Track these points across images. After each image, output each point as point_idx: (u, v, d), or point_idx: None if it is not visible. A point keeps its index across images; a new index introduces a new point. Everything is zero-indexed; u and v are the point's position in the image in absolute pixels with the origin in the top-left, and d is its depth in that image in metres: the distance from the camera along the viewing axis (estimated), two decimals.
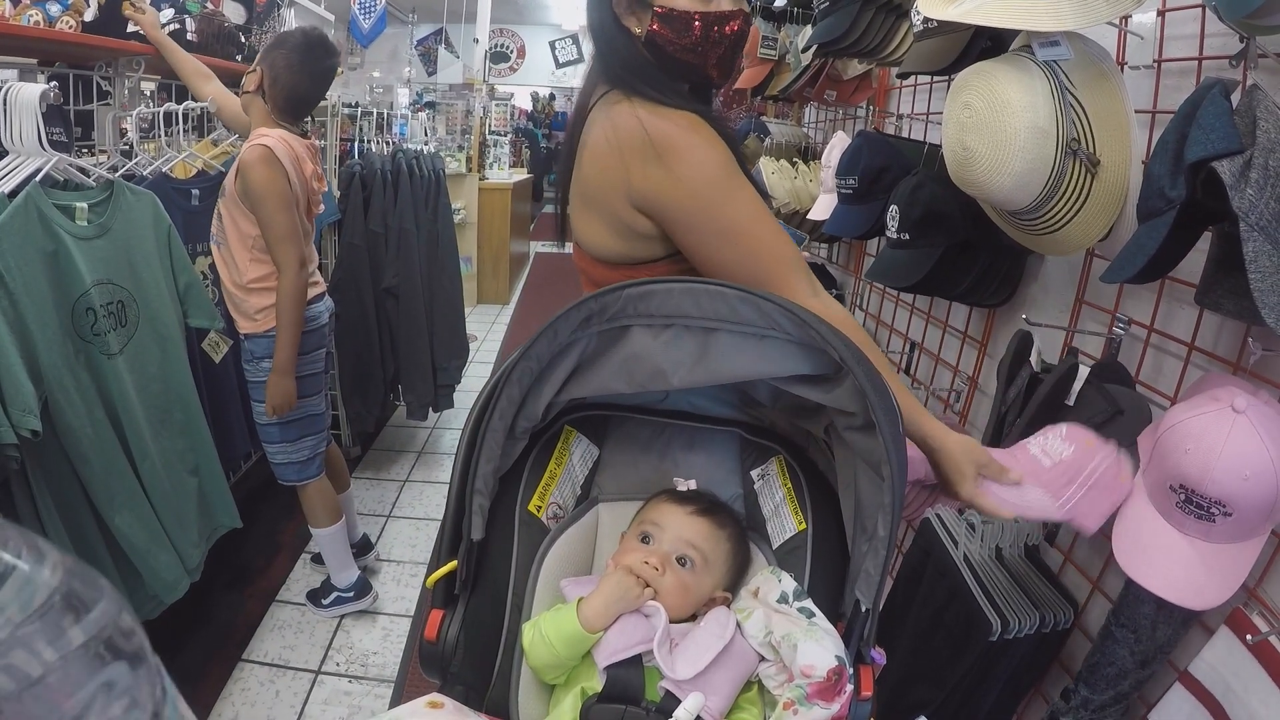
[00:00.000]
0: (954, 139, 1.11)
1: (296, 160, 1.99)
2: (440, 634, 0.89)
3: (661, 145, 1.05)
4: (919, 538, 1.59)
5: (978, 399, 1.75)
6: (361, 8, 5.53)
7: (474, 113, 6.29)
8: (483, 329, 5.60)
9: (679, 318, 0.89)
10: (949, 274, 1.47)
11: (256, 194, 1.90)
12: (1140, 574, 1.01)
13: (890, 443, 0.81)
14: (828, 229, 1.87)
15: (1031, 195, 1.09)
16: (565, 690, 0.90)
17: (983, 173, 1.08)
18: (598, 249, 1.17)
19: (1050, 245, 1.18)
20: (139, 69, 2.34)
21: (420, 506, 2.97)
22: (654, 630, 0.88)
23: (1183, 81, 1.20)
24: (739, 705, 0.89)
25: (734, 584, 1.00)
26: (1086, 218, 1.11)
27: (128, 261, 1.73)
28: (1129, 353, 1.30)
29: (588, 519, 1.05)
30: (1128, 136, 1.07)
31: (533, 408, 0.94)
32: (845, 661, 0.82)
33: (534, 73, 10.91)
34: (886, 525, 0.82)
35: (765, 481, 1.06)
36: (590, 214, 1.16)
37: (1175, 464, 0.98)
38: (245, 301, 2.04)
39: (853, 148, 1.73)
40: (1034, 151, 1.04)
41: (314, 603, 2.36)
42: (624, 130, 1.07)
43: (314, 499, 2.23)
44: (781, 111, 3.17)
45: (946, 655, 1.40)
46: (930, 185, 1.44)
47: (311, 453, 2.18)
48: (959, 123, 1.09)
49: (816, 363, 0.88)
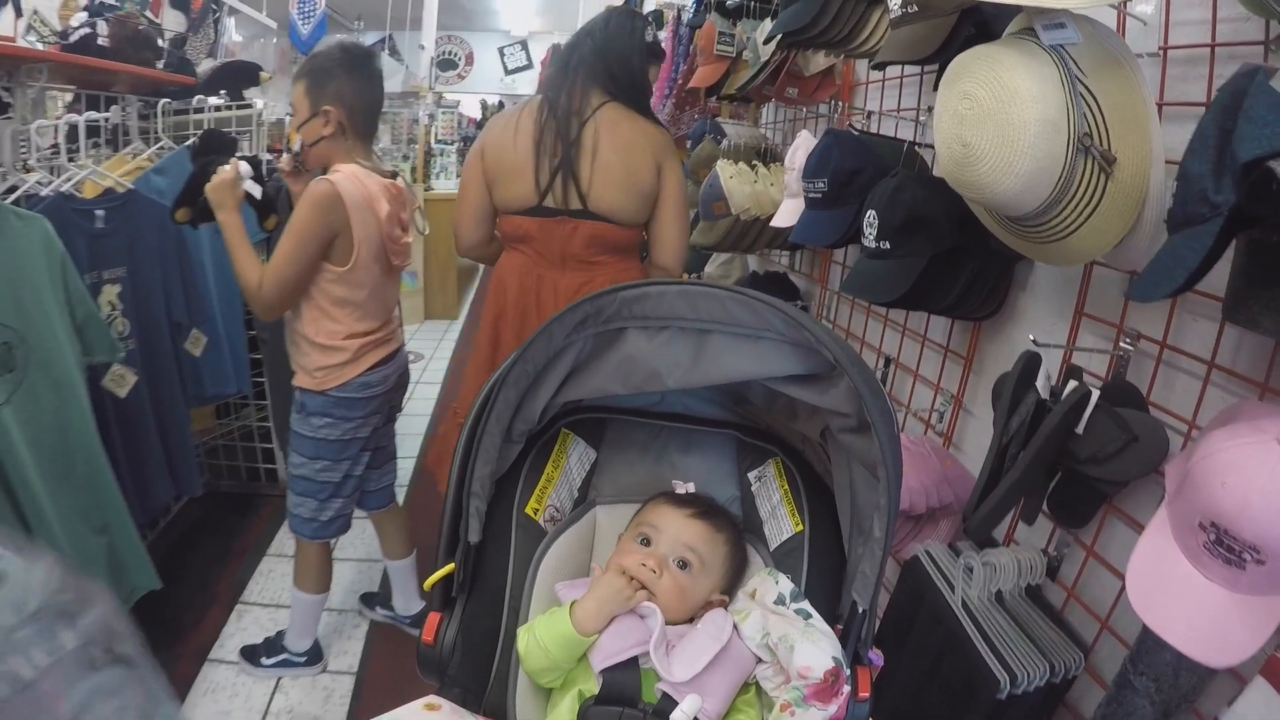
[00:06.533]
0: (950, 134, 0.96)
1: (368, 200, 1.72)
2: (438, 637, 0.89)
3: (671, 149, 1.84)
4: (908, 578, 1.44)
5: (963, 419, 1.62)
6: (300, 13, 5.33)
7: (419, 121, 6.08)
8: (430, 346, 5.35)
9: (674, 319, 0.91)
10: (934, 286, 1.33)
11: (291, 222, 1.69)
12: (1159, 622, 0.90)
13: (885, 443, 0.81)
14: (795, 237, 1.71)
15: (1039, 199, 0.95)
16: (562, 693, 0.90)
17: (986, 173, 0.93)
18: (626, 215, 1.79)
19: (1056, 255, 1.04)
20: (41, 78, 2.10)
21: (363, 545, 2.73)
22: (650, 632, 0.88)
23: (1189, 71, 1.09)
24: (736, 707, 0.89)
25: (731, 587, 1.00)
26: (1098, 223, 0.97)
27: (13, 297, 1.54)
28: (1136, 371, 1.17)
29: (585, 521, 1.06)
30: (1147, 130, 0.93)
31: (529, 411, 0.96)
32: (842, 663, 0.82)
33: (483, 80, 10.76)
34: (883, 526, 0.83)
35: (762, 483, 1.07)
36: (625, 190, 1.76)
37: (1209, 498, 0.86)
38: (307, 356, 1.83)
39: (821, 147, 1.58)
40: (1044, 148, 0.90)
41: (250, 660, 2.14)
42: (654, 133, 1.81)
43: (313, 561, 2.03)
44: (737, 113, 3.02)
45: (945, 713, 1.26)
46: (911, 187, 1.29)
47: (337, 514, 1.98)
48: (956, 115, 0.94)
49: (810, 363, 0.88)
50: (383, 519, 2.23)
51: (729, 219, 2.22)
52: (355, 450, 1.92)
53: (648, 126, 1.81)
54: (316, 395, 1.83)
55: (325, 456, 1.87)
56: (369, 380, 1.86)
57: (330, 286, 1.75)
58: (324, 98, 1.74)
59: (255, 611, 2.40)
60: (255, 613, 2.39)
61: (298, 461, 1.89)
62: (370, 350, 1.86)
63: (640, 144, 1.76)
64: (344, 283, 1.75)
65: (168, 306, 2.18)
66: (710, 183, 2.21)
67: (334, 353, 1.80)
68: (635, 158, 1.76)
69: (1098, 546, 1.25)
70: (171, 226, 2.10)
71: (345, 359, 1.80)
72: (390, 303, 1.95)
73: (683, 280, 0.91)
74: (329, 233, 1.69)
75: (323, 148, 1.78)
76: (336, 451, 1.88)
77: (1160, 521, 0.94)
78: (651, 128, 1.83)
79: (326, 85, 1.74)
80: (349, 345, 1.80)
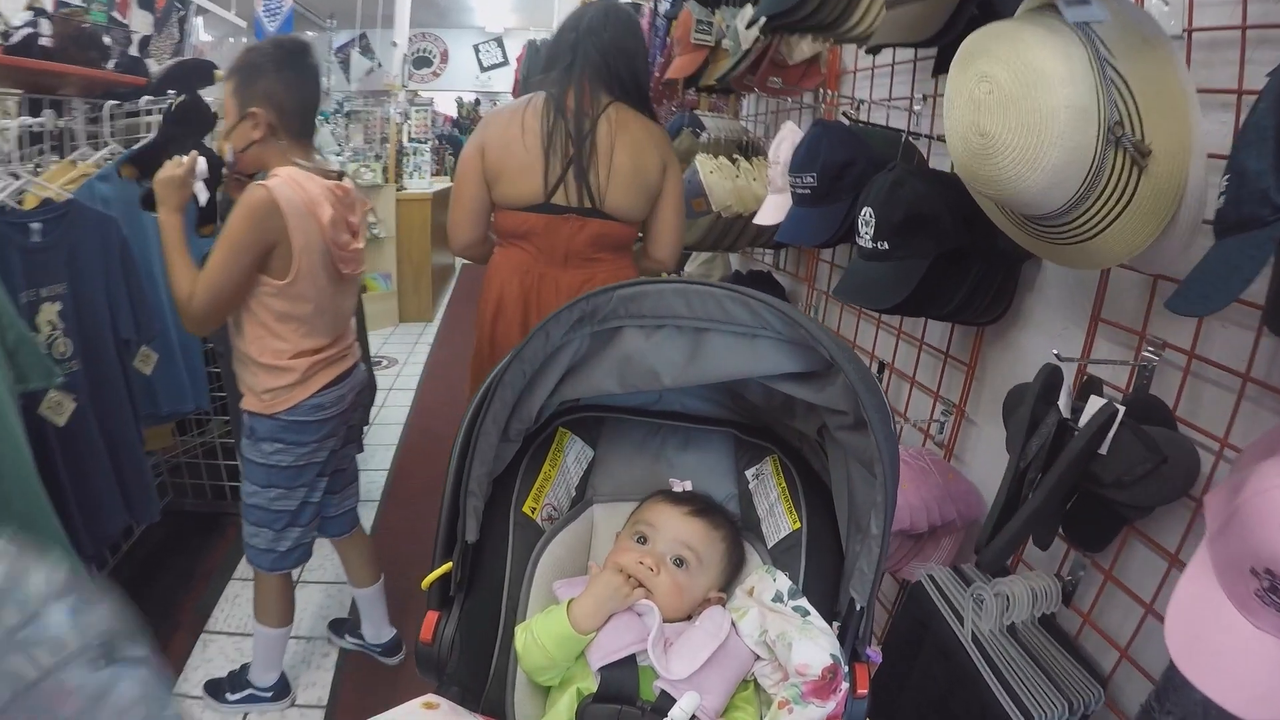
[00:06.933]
0: (966, 122, 0.84)
1: (309, 206, 1.57)
2: (436, 635, 0.90)
3: (672, 147, 1.89)
4: (911, 606, 1.34)
5: (965, 429, 1.51)
6: (266, 10, 5.15)
7: (391, 119, 5.94)
8: (404, 351, 5.18)
9: (670, 318, 0.91)
10: (936, 289, 1.22)
11: (224, 230, 1.54)
12: (1206, 681, 0.79)
13: (882, 440, 0.81)
14: (782, 237, 1.60)
15: (1066, 195, 0.84)
16: (561, 691, 0.90)
17: (1008, 166, 0.82)
18: (635, 213, 1.81)
19: (1079, 257, 0.94)
20: None
21: (331, 567, 2.57)
22: (647, 630, 0.88)
23: (1213, 56, 0.98)
24: (735, 704, 0.89)
25: (729, 584, 1.01)
26: (1129, 223, 0.86)
27: None
28: (1160, 382, 1.07)
29: (582, 520, 1.07)
30: (1186, 119, 0.82)
31: (526, 410, 0.97)
32: (840, 660, 0.82)
33: (458, 77, 10.56)
34: (880, 523, 0.83)
35: (760, 481, 1.07)
36: (636, 189, 1.78)
37: (1263, 541, 0.75)
38: (254, 377, 1.68)
39: (810, 139, 1.46)
40: (1073, 139, 0.79)
41: (215, 696, 2.01)
42: (658, 132, 1.84)
43: (272, 592, 1.88)
44: (716, 106, 2.91)
45: None
46: (912, 182, 1.19)
47: (295, 543, 1.83)
48: (973, 101, 0.83)
49: (807, 361, 0.89)
50: (346, 546, 2.10)
51: (710, 216, 2.11)
52: (311, 476, 1.78)
53: (652, 126, 1.85)
54: (265, 419, 1.68)
55: (279, 484, 1.73)
56: (321, 402, 1.71)
57: (271, 301, 1.60)
58: (252, 98, 1.60)
59: (221, 641, 2.27)
60: (221, 642, 2.26)
61: (250, 490, 1.75)
62: (321, 369, 1.71)
63: (648, 143, 1.79)
64: (285, 297, 1.60)
65: (114, 323, 2.02)
66: (689, 178, 2.09)
67: (281, 373, 1.65)
68: (644, 157, 1.78)
69: (1116, 570, 1.15)
70: (116, 236, 1.96)
71: (294, 380, 1.66)
72: (343, 317, 1.79)
73: (679, 279, 0.90)
74: (265, 243, 1.54)
75: (255, 153, 1.63)
76: (290, 478, 1.74)
77: (1202, 562, 0.83)
78: (656, 127, 1.86)
79: (255, 84, 1.60)
80: (297, 365, 1.66)
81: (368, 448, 3.49)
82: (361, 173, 5.24)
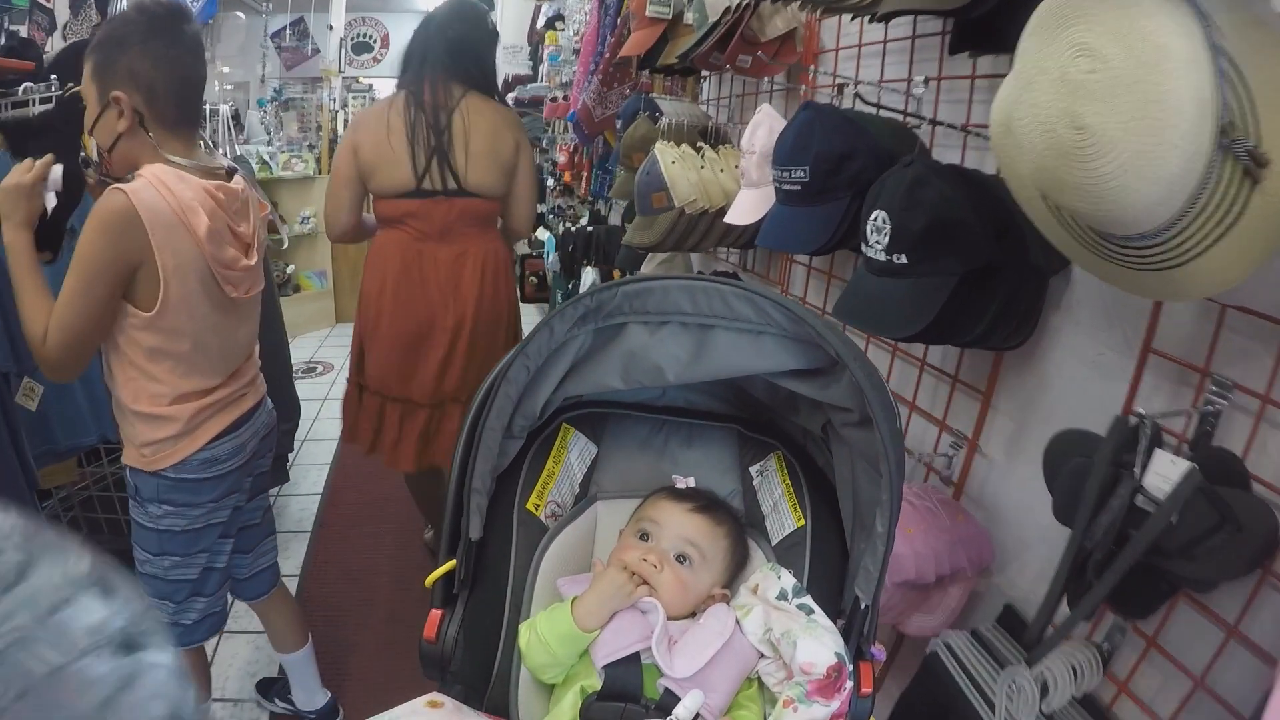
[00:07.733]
0: (1054, 110, 0.61)
1: (180, 214, 1.27)
2: (439, 633, 0.89)
3: (523, 127, 2.24)
4: (928, 681, 1.15)
5: (977, 463, 1.31)
6: None
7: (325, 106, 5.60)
8: (340, 354, 4.79)
9: (675, 314, 0.91)
10: (959, 313, 1.00)
11: (76, 252, 1.24)
12: None
13: (887, 438, 0.81)
14: (765, 241, 1.35)
15: (1171, 212, 0.63)
16: (565, 689, 0.90)
17: (1115, 174, 0.59)
18: (496, 190, 2.14)
19: (1164, 286, 0.72)
20: None
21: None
22: (651, 628, 0.88)
23: None
24: (739, 702, 0.88)
25: (733, 581, 1.00)
26: (1233, 246, 0.65)
27: None
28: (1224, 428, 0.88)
29: (586, 517, 1.06)
30: None
31: (530, 406, 0.96)
32: (845, 659, 0.82)
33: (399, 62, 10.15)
34: (885, 521, 0.82)
35: (764, 478, 1.06)
36: (495, 168, 2.10)
37: None
38: (132, 427, 1.38)
39: (798, 125, 1.23)
40: (1195, 142, 0.58)
41: None
42: (509, 115, 2.22)
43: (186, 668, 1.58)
44: (671, 88, 2.66)
45: None
46: (936, 182, 0.97)
47: (202, 614, 1.55)
48: (1067, 82, 0.60)
49: (812, 358, 0.89)
50: (266, 609, 1.80)
51: (671, 213, 1.85)
52: (211, 540, 1.49)
53: (504, 109, 2.22)
54: (149, 477, 1.39)
55: (173, 552, 1.45)
56: (214, 455, 1.42)
57: (139, 336, 1.30)
58: (114, 80, 1.29)
59: None
60: None
61: (142, 557, 1.46)
62: (211, 416, 1.42)
63: (501, 126, 2.12)
64: (155, 330, 1.30)
65: None
66: (648, 169, 1.83)
67: (161, 423, 1.35)
68: (499, 139, 2.10)
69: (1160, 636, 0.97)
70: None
71: (176, 430, 1.36)
72: (236, 350, 1.49)
73: (686, 275, 0.92)
74: (124, 263, 1.25)
75: (124, 149, 1.32)
76: (186, 545, 1.45)
77: None
78: (507, 110, 2.25)
79: (116, 63, 1.28)
80: (178, 412, 1.36)
81: (297, 468, 3.20)
82: (292, 164, 4.89)
